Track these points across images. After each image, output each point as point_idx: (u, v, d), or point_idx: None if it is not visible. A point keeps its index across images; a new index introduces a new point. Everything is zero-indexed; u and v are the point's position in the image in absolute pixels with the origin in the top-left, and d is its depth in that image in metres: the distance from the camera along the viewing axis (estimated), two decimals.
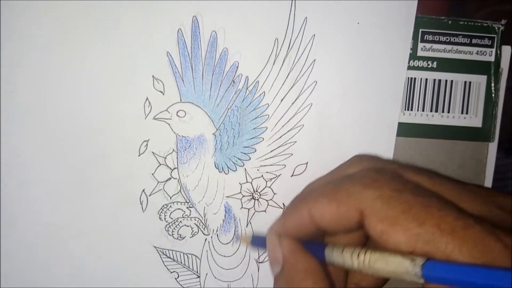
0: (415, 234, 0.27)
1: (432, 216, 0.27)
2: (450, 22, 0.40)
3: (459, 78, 0.40)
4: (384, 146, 0.40)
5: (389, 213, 0.28)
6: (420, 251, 0.27)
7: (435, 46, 0.40)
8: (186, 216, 0.40)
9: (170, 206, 0.40)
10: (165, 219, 0.40)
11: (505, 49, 0.41)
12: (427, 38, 0.40)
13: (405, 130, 0.40)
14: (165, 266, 0.40)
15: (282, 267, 0.33)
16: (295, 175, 0.40)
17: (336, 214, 0.30)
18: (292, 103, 0.39)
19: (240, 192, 0.40)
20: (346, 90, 0.39)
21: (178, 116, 0.39)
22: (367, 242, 0.35)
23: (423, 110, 0.40)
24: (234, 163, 0.40)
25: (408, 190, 0.29)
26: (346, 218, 0.30)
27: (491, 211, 0.30)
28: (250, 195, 0.40)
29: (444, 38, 0.40)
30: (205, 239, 0.41)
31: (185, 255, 0.41)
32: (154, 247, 0.40)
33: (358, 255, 0.29)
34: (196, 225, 0.40)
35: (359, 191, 0.30)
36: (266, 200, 0.40)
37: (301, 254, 0.32)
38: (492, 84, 0.41)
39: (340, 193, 0.31)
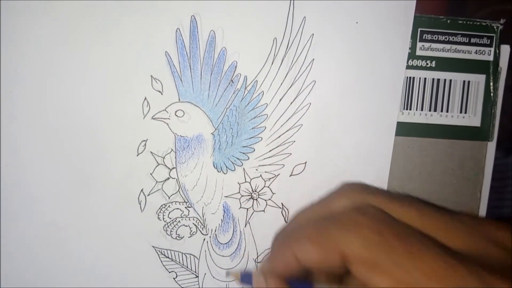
0: (398, 279, 0.28)
1: (414, 259, 0.28)
2: (449, 21, 0.40)
3: (458, 77, 0.40)
4: (383, 146, 0.40)
5: (371, 257, 0.29)
6: None
7: (434, 45, 0.40)
8: (185, 216, 0.40)
9: (169, 206, 0.40)
10: (163, 219, 0.40)
11: (504, 48, 0.41)
12: (426, 38, 0.40)
13: (404, 129, 0.40)
14: (164, 266, 0.40)
15: None
16: (293, 175, 0.40)
17: (319, 258, 0.31)
18: (291, 103, 0.39)
19: (239, 192, 0.40)
20: (345, 90, 0.39)
21: (177, 115, 0.39)
22: None
23: (422, 110, 0.40)
24: (232, 162, 0.40)
25: (390, 232, 0.29)
26: (329, 261, 0.30)
27: (478, 244, 0.30)
28: (248, 195, 0.40)
29: (443, 37, 0.40)
30: (204, 239, 0.41)
31: (183, 255, 0.41)
32: (153, 247, 0.40)
33: None
34: (195, 224, 0.40)
35: (340, 234, 0.30)
36: (265, 200, 0.40)
37: None
38: (491, 84, 0.41)
39: (323, 236, 0.31)
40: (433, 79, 0.40)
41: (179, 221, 0.40)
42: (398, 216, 0.32)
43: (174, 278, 0.41)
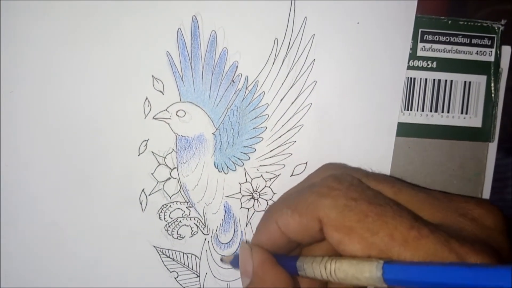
0: (369, 244, 0.28)
1: (386, 225, 0.28)
2: (449, 22, 0.40)
3: (458, 78, 0.40)
4: (384, 146, 0.40)
5: (345, 222, 0.29)
6: None
7: (435, 46, 0.40)
8: (186, 215, 0.40)
9: (170, 206, 0.40)
10: (164, 218, 0.40)
11: (505, 49, 0.41)
12: (427, 38, 0.40)
13: (405, 130, 0.40)
14: (165, 265, 0.40)
15: (251, 279, 0.33)
16: (294, 175, 0.40)
17: (299, 224, 0.31)
18: (292, 103, 0.39)
19: (240, 192, 0.40)
20: (346, 90, 0.39)
21: (178, 115, 0.39)
22: None
23: (422, 110, 0.40)
24: (233, 163, 0.40)
25: (364, 199, 0.30)
26: (308, 228, 0.31)
27: (452, 219, 0.30)
28: (249, 195, 0.40)
29: (444, 38, 0.40)
30: (205, 239, 0.41)
31: (184, 254, 0.41)
32: (154, 246, 0.40)
33: (325, 264, 0.29)
34: (196, 224, 0.40)
35: (316, 200, 0.30)
36: (266, 200, 0.40)
37: (271, 267, 0.32)
38: (492, 84, 0.41)
39: (301, 203, 0.31)
40: (434, 79, 0.40)
41: (180, 221, 0.40)
42: (372, 187, 0.32)
43: (175, 278, 0.41)
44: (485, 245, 0.28)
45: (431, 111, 0.40)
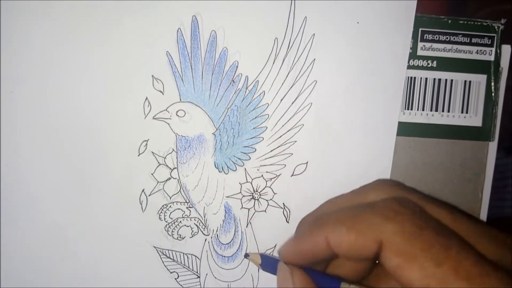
0: (430, 274, 0.27)
1: (451, 258, 0.27)
2: (450, 21, 0.40)
3: (459, 77, 0.40)
4: (384, 146, 0.40)
5: (408, 249, 0.28)
6: None
7: (435, 45, 0.40)
8: (186, 216, 0.40)
9: (170, 206, 0.40)
10: (164, 219, 0.40)
11: (505, 48, 0.41)
12: (427, 38, 0.40)
13: (405, 129, 0.40)
14: (165, 266, 0.40)
15: None
16: (295, 175, 0.40)
17: (354, 244, 0.30)
18: (292, 103, 0.39)
19: (240, 192, 0.40)
20: (346, 90, 0.39)
21: (178, 115, 0.39)
22: (371, 272, 0.35)
23: (423, 110, 0.40)
24: (234, 163, 0.40)
25: (430, 228, 0.29)
26: (363, 248, 0.30)
27: (508, 258, 0.30)
28: (250, 195, 0.40)
29: (444, 37, 0.40)
30: (205, 239, 0.41)
31: (185, 255, 0.41)
32: (154, 247, 0.40)
33: None
34: (196, 225, 0.40)
35: (380, 223, 0.30)
36: (266, 200, 0.40)
37: None
38: (492, 84, 0.41)
39: (360, 223, 0.31)
40: (434, 79, 0.40)
41: (180, 222, 0.40)
42: (432, 214, 0.32)
43: (175, 279, 0.41)
44: None
45: (431, 110, 0.40)
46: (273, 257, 0.37)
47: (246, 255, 0.39)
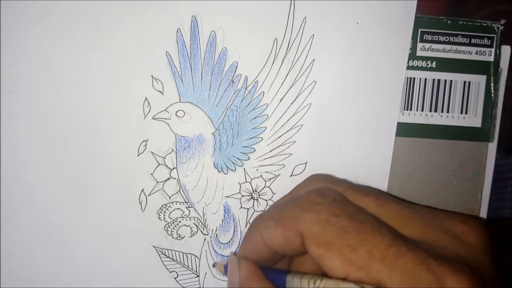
0: (348, 260, 0.28)
1: (366, 242, 0.28)
2: (449, 22, 0.40)
3: (458, 78, 0.40)
4: (383, 146, 0.40)
5: (325, 237, 0.29)
6: (353, 277, 0.27)
7: (434, 46, 0.40)
8: (185, 216, 0.40)
9: (169, 206, 0.40)
10: (164, 219, 0.40)
11: (505, 49, 0.41)
12: (426, 38, 0.40)
13: (404, 130, 0.40)
14: (164, 265, 0.40)
15: None
16: (294, 175, 0.40)
17: (282, 238, 0.31)
18: (291, 103, 0.39)
19: (239, 192, 0.40)
20: (345, 90, 0.39)
21: (177, 116, 0.39)
22: None
23: (422, 110, 0.40)
24: (233, 163, 0.40)
25: (345, 214, 0.30)
26: (291, 241, 0.31)
27: (434, 236, 0.30)
28: (249, 195, 0.40)
29: (444, 38, 0.40)
30: (204, 239, 0.41)
31: (184, 254, 0.41)
32: (153, 246, 0.40)
33: (314, 282, 0.29)
34: (195, 225, 0.40)
35: (298, 214, 0.31)
36: (265, 200, 0.40)
37: (257, 280, 0.33)
38: (492, 84, 0.41)
39: (284, 216, 0.32)
40: (434, 79, 0.40)
41: (179, 221, 0.40)
42: (356, 201, 0.32)
43: (175, 278, 0.41)
44: (465, 264, 0.28)
45: (430, 111, 0.40)
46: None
47: (213, 265, 0.41)
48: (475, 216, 0.41)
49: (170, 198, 0.40)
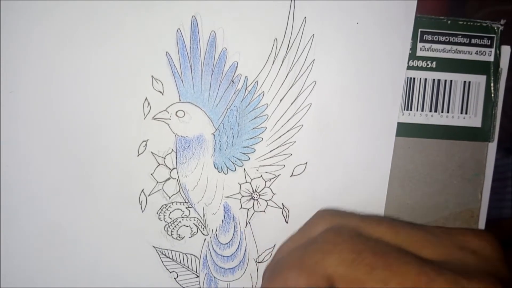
0: None
1: (394, 275, 0.28)
2: (449, 22, 0.40)
3: (458, 78, 0.40)
4: (384, 146, 0.40)
5: (354, 276, 0.29)
6: None
7: (434, 46, 0.40)
8: (185, 216, 0.40)
9: (169, 206, 0.40)
10: (164, 219, 0.40)
11: (505, 49, 0.41)
12: (426, 38, 0.40)
13: (404, 130, 0.40)
14: (164, 266, 0.40)
15: None
16: (294, 175, 0.40)
17: (308, 284, 0.31)
18: (292, 103, 0.39)
19: (239, 192, 0.40)
20: (346, 90, 0.39)
21: (177, 116, 0.39)
22: None
23: (422, 110, 0.40)
24: (233, 163, 0.40)
25: (368, 250, 0.30)
26: (318, 285, 0.31)
27: (453, 254, 0.31)
28: (249, 195, 0.40)
29: (443, 38, 0.40)
30: (204, 239, 0.41)
31: (184, 255, 0.41)
32: (153, 247, 0.40)
33: None
34: (195, 225, 0.40)
35: (322, 258, 0.31)
36: (266, 200, 0.40)
37: None
38: (492, 84, 0.41)
39: (306, 263, 0.32)
40: (434, 79, 0.40)
41: (179, 222, 0.40)
42: (371, 234, 0.33)
43: (175, 278, 0.41)
44: (490, 276, 0.28)
45: (430, 111, 0.40)
46: None
47: None
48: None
49: (170, 198, 0.40)
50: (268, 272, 0.37)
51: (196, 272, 0.41)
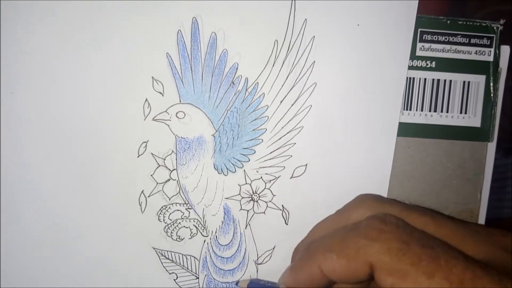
0: (425, 287, 0.28)
1: (441, 268, 0.28)
2: (449, 22, 0.40)
3: (458, 78, 0.40)
4: (384, 147, 0.40)
5: (399, 266, 0.29)
6: None
7: (434, 46, 0.40)
8: (185, 217, 0.40)
9: (169, 207, 0.40)
10: (164, 220, 0.40)
11: (504, 49, 0.41)
12: (426, 38, 0.40)
13: (404, 130, 0.40)
14: (164, 267, 0.40)
15: None
16: (294, 177, 0.40)
17: (346, 269, 0.31)
18: (292, 105, 0.39)
19: (239, 194, 0.40)
20: (346, 92, 0.39)
21: (178, 117, 0.39)
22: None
23: (422, 110, 0.40)
24: (233, 164, 0.40)
25: (415, 241, 0.30)
26: (356, 272, 0.31)
27: (494, 253, 0.31)
28: (249, 197, 0.40)
29: (443, 38, 0.40)
30: (204, 241, 0.41)
31: (184, 256, 0.41)
32: (153, 248, 0.40)
33: None
34: (195, 226, 0.40)
35: (367, 244, 0.30)
36: (265, 202, 0.40)
37: None
38: (491, 84, 0.41)
39: (348, 247, 0.31)
40: (433, 79, 0.40)
41: (179, 223, 0.40)
42: (415, 224, 0.32)
43: (174, 280, 0.41)
44: None
45: (430, 111, 0.40)
46: (260, 283, 0.37)
47: (237, 283, 0.41)
48: None
49: (170, 199, 0.40)
50: (302, 250, 0.36)
51: (196, 273, 0.41)
